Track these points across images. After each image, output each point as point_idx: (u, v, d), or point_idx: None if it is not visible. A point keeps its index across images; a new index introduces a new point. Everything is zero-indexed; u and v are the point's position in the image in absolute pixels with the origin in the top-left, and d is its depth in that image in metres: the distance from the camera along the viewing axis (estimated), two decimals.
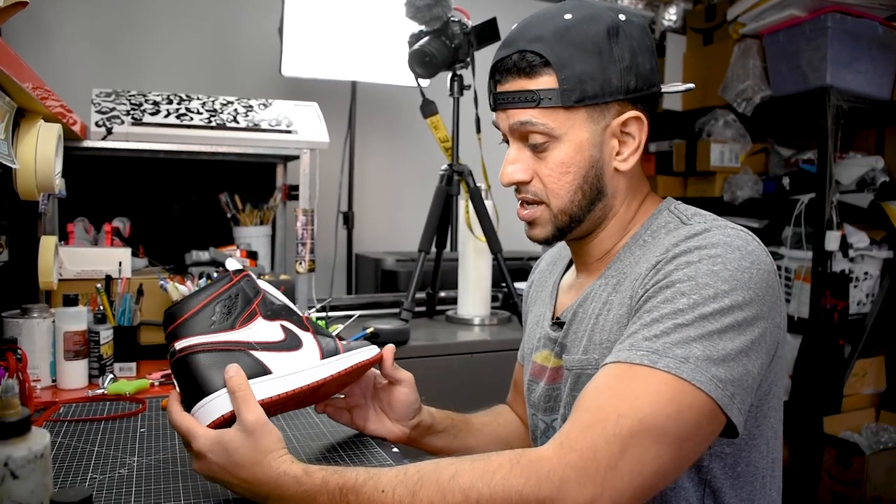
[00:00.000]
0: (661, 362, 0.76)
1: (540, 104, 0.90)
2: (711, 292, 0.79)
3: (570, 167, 0.93)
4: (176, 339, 0.87)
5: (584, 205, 0.95)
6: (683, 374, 0.74)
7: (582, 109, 0.91)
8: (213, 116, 2.04)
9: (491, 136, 2.30)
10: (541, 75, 0.90)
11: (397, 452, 1.07)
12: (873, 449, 2.70)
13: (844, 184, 2.78)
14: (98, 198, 2.19)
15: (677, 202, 1.00)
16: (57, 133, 1.28)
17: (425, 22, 2.02)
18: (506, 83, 0.93)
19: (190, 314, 0.87)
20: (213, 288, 0.89)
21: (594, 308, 0.96)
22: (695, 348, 0.76)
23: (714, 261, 0.81)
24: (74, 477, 0.96)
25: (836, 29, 2.55)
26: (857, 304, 2.80)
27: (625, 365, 0.78)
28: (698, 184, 3.16)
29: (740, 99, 2.83)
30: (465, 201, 2.13)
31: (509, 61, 0.92)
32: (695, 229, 0.88)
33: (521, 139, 0.95)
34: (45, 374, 1.42)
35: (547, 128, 0.91)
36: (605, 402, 0.75)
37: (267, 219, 2.36)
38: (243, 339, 0.89)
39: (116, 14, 2.54)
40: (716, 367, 0.76)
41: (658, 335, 0.78)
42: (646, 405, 0.73)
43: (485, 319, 2.17)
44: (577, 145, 0.92)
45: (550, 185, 0.94)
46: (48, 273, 1.47)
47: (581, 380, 0.94)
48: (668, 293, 0.81)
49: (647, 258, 0.90)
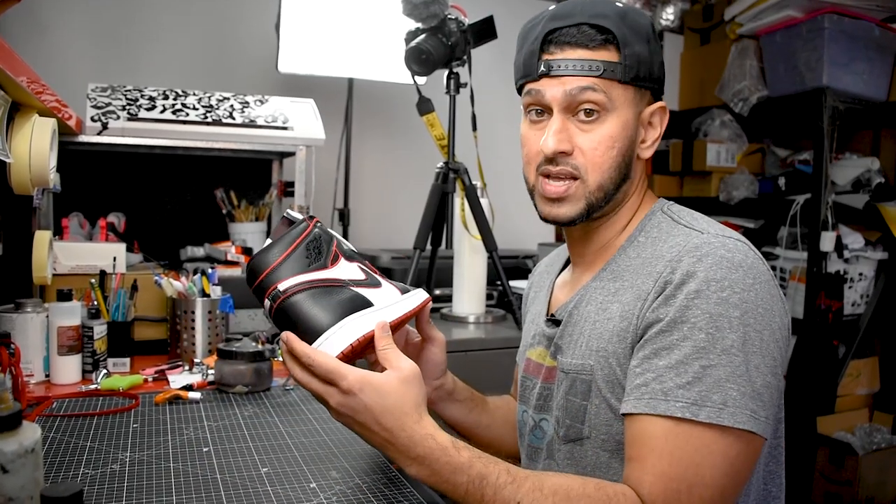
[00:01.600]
0: (702, 413, 0.79)
1: (603, 74, 0.92)
2: (726, 323, 0.81)
3: (616, 142, 0.94)
4: (274, 283, 0.88)
5: (617, 183, 0.96)
6: (725, 422, 0.79)
7: (632, 89, 0.95)
8: (210, 112, 2.04)
9: (487, 134, 2.30)
10: (601, 49, 0.93)
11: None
12: (866, 449, 2.70)
13: (840, 184, 2.78)
14: (93, 193, 2.19)
15: (669, 202, 1.02)
16: (52, 127, 1.28)
17: (422, 19, 2.02)
18: (562, 52, 0.94)
19: (283, 258, 0.89)
20: (294, 233, 0.91)
21: (591, 311, 0.97)
22: (729, 390, 0.80)
23: (721, 285, 0.83)
24: (66, 472, 0.96)
25: (833, 30, 2.55)
26: (851, 305, 2.80)
27: (670, 423, 0.81)
28: (694, 183, 3.16)
29: (737, 99, 2.83)
30: (460, 199, 2.13)
31: (568, 32, 0.94)
32: (692, 240, 0.88)
33: (569, 110, 0.95)
34: (38, 368, 1.42)
35: (605, 97, 0.93)
36: (671, 471, 0.80)
37: (262, 215, 2.35)
38: (339, 276, 0.92)
39: (113, 9, 2.53)
40: (751, 401, 0.80)
41: (691, 381, 0.81)
42: (707, 473, 0.79)
43: (480, 317, 2.17)
44: (624, 122, 0.95)
45: (594, 159, 0.94)
46: (42, 268, 1.47)
47: (576, 385, 0.95)
48: (685, 329, 0.82)
49: (647, 269, 0.91)
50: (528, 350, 1.11)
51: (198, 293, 1.62)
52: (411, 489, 0.93)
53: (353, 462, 1.02)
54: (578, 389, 0.94)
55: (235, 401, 1.33)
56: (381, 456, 1.04)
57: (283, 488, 0.92)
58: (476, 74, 2.15)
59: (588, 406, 0.93)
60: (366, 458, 1.04)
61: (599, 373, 0.92)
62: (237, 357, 1.38)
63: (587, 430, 0.93)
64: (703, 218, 0.96)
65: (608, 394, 0.91)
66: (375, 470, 0.99)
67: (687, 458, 0.80)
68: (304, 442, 1.10)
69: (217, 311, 1.63)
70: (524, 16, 1.01)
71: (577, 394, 0.94)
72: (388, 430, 0.82)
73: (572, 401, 0.95)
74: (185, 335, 1.60)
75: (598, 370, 0.92)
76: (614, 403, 0.90)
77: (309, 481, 0.94)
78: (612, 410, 0.90)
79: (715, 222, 0.95)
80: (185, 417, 1.21)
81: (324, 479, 0.96)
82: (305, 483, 0.94)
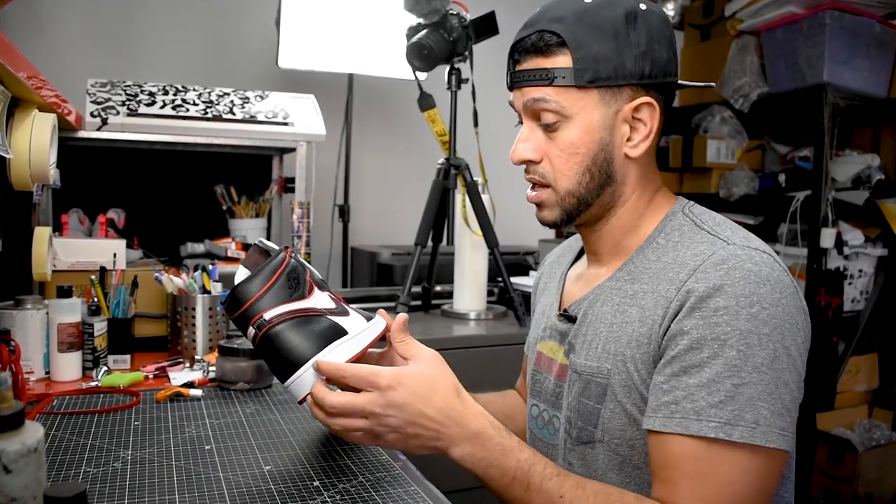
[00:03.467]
0: (735, 433, 0.79)
1: (554, 82, 0.91)
2: (756, 340, 0.81)
3: (579, 148, 0.93)
4: (259, 313, 0.91)
5: (592, 188, 0.95)
6: (758, 441, 0.79)
7: (594, 90, 0.92)
8: (210, 108, 2.03)
9: (488, 130, 2.30)
10: (556, 55, 0.92)
11: (405, 459, 1.07)
12: (866, 446, 2.71)
13: (840, 181, 2.78)
14: (93, 189, 2.18)
15: (691, 203, 1.00)
16: (52, 123, 1.27)
17: (423, 14, 2.01)
18: (523, 62, 0.95)
19: (266, 288, 0.92)
20: (274, 264, 0.94)
21: (607, 312, 0.95)
22: (761, 408, 0.80)
23: (750, 300, 0.82)
24: (68, 470, 0.95)
25: (834, 26, 2.54)
26: (851, 302, 2.80)
27: (703, 443, 0.80)
28: (694, 180, 3.15)
29: (737, 95, 2.82)
30: (461, 195, 2.12)
31: (528, 41, 0.94)
32: (718, 251, 0.87)
33: (534, 118, 0.95)
34: (38, 366, 1.42)
35: (559, 106, 0.92)
36: (707, 493, 0.80)
37: (263, 211, 2.35)
38: (316, 305, 0.95)
39: (113, 4, 2.52)
40: (780, 418, 0.81)
41: (724, 401, 0.80)
42: (742, 492, 0.80)
43: (480, 314, 2.17)
44: (588, 126, 0.93)
45: (558, 166, 0.94)
46: (42, 264, 1.46)
47: (590, 387, 0.94)
48: (716, 346, 0.82)
49: (669, 275, 0.90)
50: (539, 342, 1.10)
51: (198, 290, 1.61)
52: (415, 487, 0.93)
53: (357, 459, 1.02)
54: (593, 392, 0.94)
55: (237, 398, 1.32)
56: (384, 453, 1.04)
57: (285, 486, 0.92)
58: (478, 70, 2.14)
59: (602, 410, 0.92)
60: (369, 456, 1.03)
61: (616, 377, 0.91)
62: (238, 354, 1.37)
63: (600, 433, 0.93)
64: (725, 222, 0.94)
65: (624, 398, 0.90)
66: (379, 468, 0.99)
67: (722, 478, 0.80)
68: (307, 439, 1.10)
69: (218, 308, 1.62)
70: (525, 11, 1.00)
71: (592, 396, 0.94)
72: (438, 414, 0.83)
73: (585, 403, 0.94)
74: (186, 332, 1.60)
75: (615, 374, 0.91)
76: (630, 409, 0.89)
77: (312, 479, 0.94)
78: (627, 415, 0.90)
79: (739, 228, 0.93)
80: (186, 415, 1.21)
81: (327, 476, 0.95)
82: (308, 481, 0.94)
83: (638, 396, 0.89)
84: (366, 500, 0.88)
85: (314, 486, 0.92)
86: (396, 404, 0.83)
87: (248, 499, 0.88)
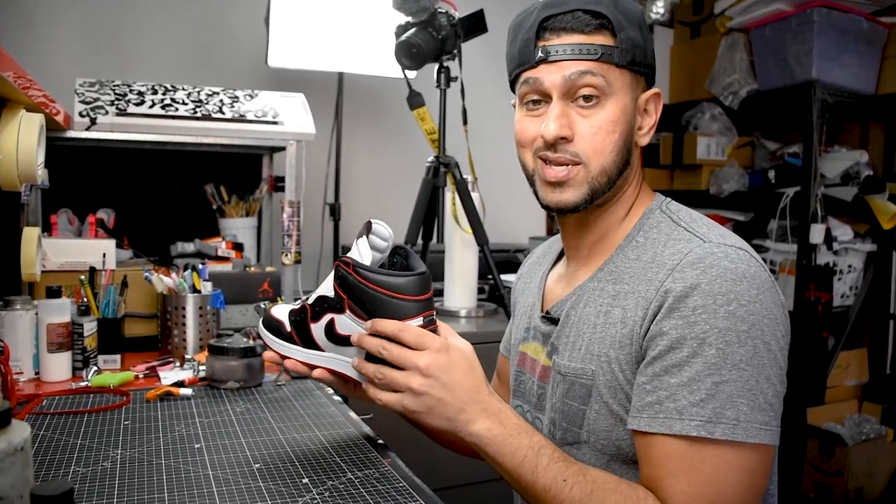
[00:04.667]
0: (717, 430, 0.80)
1: (601, 57, 0.92)
2: (735, 337, 0.82)
3: (617, 126, 0.94)
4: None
5: (620, 167, 0.96)
6: (739, 438, 0.80)
7: (628, 73, 0.94)
8: (199, 107, 2.03)
9: (477, 128, 2.30)
10: (596, 34, 0.92)
11: (394, 456, 1.07)
12: (856, 440, 2.73)
13: (829, 177, 2.80)
14: (82, 189, 2.17)
15: (667, 199, 1.01)
16: (39, 123, 1.27)
17: (412, 13, 2.01)
18: (556, 38, 0.93)
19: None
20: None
21: (590, 314, 0.96)
22: (741, 405, 0.81)
23: (727, 298, 0.82)
24: (57, 470, 0.95)
25: (822, 23, 2.56)
26: (840, 297, 2.82)
27: (686, 442, 0.82)
28: (685, 177, 3.16)
29: (727, 92, 2.83)
30: (451, 193, 2.13)
31: (563, 18, 0.93)
32: (695, 249, 0.87)
33: (568, 96, 0.94)
34: (27, 366, 1.41)
35: (604, 81, 0.92)
36: (693, 491, 0.81)
37: (253, 210, 2.35)
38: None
39: (101, 3, 2.51)
40: (761, 413, 0.82)
41: (704, 399, 0.81)
42: (728, 489, 0.81)
43: (471, 311, 2.18)
44: (623, 107, 0.94)
45: (596, 144, 0.93)
46: (31, 265, 1.46)
47: (575, 389, 0.95)
48: (695, 345, 0.82)
49: (648, 275, 0.90)
50: (521, 343, 1.11)
51: (188, 289, 1.61)
52: (403, 483, 0.93)
53: (346, 457, 1.02)
54: (577, 393, 0.94)
55: (227, 397, 1.33)
56: (373, 450, 1.04)
57: (275, 484, 0.92)
58: (466, 68, 2.15)
59: (587, 411, 0.93)
60: (358, 454, 1.04)
61: (601, 378, 0.91)
62: (228, 353, 1.37)
63: (585, 434, 0.94)
64: (702, 219, 0.95)
65: (610, 399, 0.91)
66: (367, 465, 0.99)
67: (706, 476, 0.81)
68: (297, 437, 1.10)
69: (208, 307, 1.62)
70: (514, 9, 1.01)
71: (576, 398, 0.94)
72: (471, 389, 0.88)
73: (570, 404, 0.95)
74: (176, 331, 1.60)
75: (599, 375, 0.92)
76: (616, 409, 0.90)
77: (301, 476, 0.94)
78: (613, 415, 0.90)
79: (715, 225, 0.94)
80: (176, 414, 1.21)
81: (316, 474, 0.95)
82: (298, 478, 0.94)
83: (624, 397, 0.89)
84: (354, 497, 0.89)
85: (303, 484, 0.92)
86: (440, 365, 0.87)
87: (238, 497, 0.88)
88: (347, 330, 0.94)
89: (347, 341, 0.94)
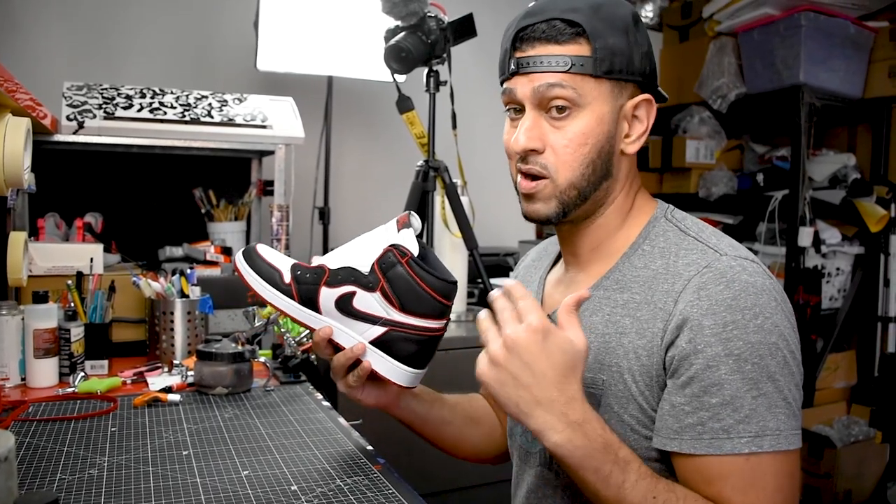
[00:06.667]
0: (765, 444, 0.81)
1: (571, 69, 0.90)
2: (766, 350, 0.82)
3: (588, 138, 0.92)
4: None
5: (593, 181, 0.94)
6: (783, 447, 0.82)
7: (607, 82, 0.92)
8: (187, 111, 2.02)
9: (467, 132, 2.30)
10: (570, 43, 0.91)
11: (384, 463, 1.07)
12: (844, 442, 2.74)
13: (817, 180, 2.81)
14: (69, 193, 2.16)
15: (670, 207, 1.00)
16: (26, 127, 1.26)
17: (401, 17, 2.01)
18: (530, 49, 0.93)
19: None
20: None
21: (597, 322, 0.94)
22: (779, 415, 0.82)
23: (754, 312, 0.83)
24: (43, 478, 0.94)
25: (810, 28, 2.57)
26: (829, 300, 2.83)
27: (739, 459, 0.82)
28: (674, 180, 3.17)
29: (715, 96, 2.85)
30: (440, 197, 2.13)
31: (538, 28, 0.92)
32: (714, 263, 0.87)
33: (540, 107, 0.93)
34: (13, 372, 1.40)
35: (575, 93, 0.91)
36: (760, 502, 0.82)
37: (242, 214, 2.34)
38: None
39: (89, 6, 2.49)
40: (794, 419, 0.83)
41: (749, 415, 0.82)
42: (787, 494, 0.83)
43: (461, 315, 2.17)
44: (599, 117, 0.92)
45: (564, 157, 0.92)
46: (17, 269, 1.45)
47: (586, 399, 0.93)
48: (731, 362, 0.82)
49: (663, 285, 0.89)
50: None
51: (176, 294, 1.60)
52: (393, 490, 0.92)
53: (335, 464, 1.02)
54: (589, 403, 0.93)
55: (215, 402, 1.32)
56: (362, 457, 1.04)
57: (263, 491, 0.91)
58: (456, 72, 2.15)
59: None
60: (347, 460, 1.03)
61: (612, 388, 0.90)
62: (217, 358, 1.37)
63: None
64: (708, 228, 0.95)
65: (620, 409, 0.89)
66: (357, 471, 0.99)
67: (770, 486, 0.82)
68: (285, 444, 1.10)
69: (196, 312, 1.61)
70: (504, 13, 1.01)
71: None
72: (566, 382, 0.81)
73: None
74: (164, 336, 1.59)
75: (610, 386, 0.90)
76: (627, 419, 0.89)
77: (290, 484, 0.94)
78: (623, 425, 0.89)
79: (721, 234, 0.94)
80: (164, 420, 1.20)
81: (305, 481, 0.95)
82: (286, 486, 0.93)
83: (636, 407, 0.88)
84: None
85: (292, 491, 0.92)
86: (526, 346, 0.81)
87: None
88: (367, 308, 0.96)
89: (358, 316, 0.96)
